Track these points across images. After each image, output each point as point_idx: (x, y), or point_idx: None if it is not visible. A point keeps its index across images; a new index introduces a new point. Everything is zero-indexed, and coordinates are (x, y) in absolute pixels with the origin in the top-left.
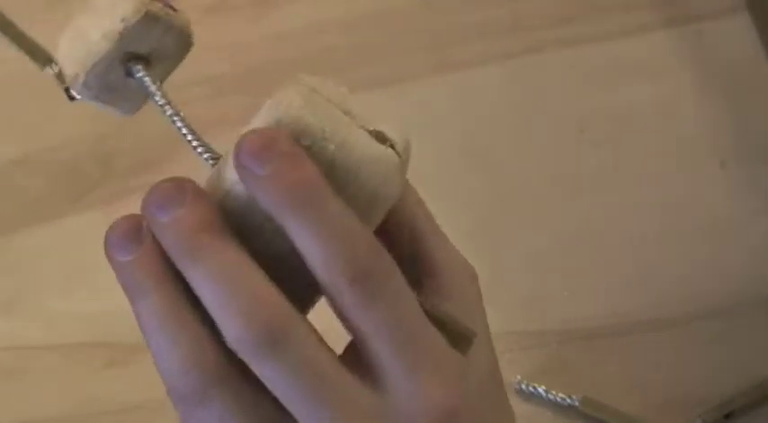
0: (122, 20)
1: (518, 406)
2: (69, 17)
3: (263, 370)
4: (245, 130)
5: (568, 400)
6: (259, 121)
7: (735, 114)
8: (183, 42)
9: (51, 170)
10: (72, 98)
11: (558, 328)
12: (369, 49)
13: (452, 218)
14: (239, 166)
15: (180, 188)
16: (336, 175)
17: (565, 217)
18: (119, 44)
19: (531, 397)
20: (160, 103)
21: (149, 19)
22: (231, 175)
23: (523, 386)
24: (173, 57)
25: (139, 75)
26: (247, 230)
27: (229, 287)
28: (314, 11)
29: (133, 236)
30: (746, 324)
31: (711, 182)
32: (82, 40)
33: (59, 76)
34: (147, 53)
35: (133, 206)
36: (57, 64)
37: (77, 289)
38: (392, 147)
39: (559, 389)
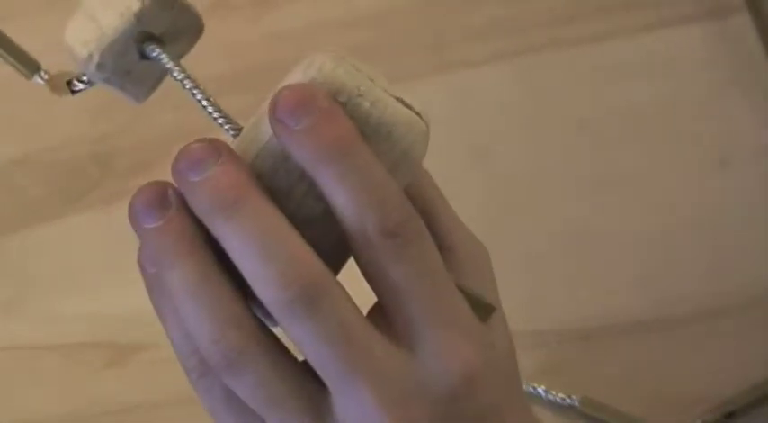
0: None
1: None
2: (70, 16)
3: (297, 330)
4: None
5: (568, 400)
6: (293, 80)
7: (735, 114)
8: (196, 25)
9: (51, 170)
10: (74, 91)
11: (557, 328)
12: (369, 48)
13: None
14: (275, 121)
15: (214, 148)
16: (370, 132)
17: (565, 217)
18: (135, 24)
19: (531, 397)
20: (179, 77)
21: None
22: (264, 134)
23: (523, 386)
24: (185, 40)
25: (155, 53)
26: (277, 193)
27: (265, 245)
28: (314, 11)
29: (159, 202)
30: (746, 324)
31: (711, 182)
32: (95, 22)
33: (52, 81)
34: (161, 34)
35: None
36: (46, 72)
37: (77, 289)
38: (417, 114)
39: (559, 389)
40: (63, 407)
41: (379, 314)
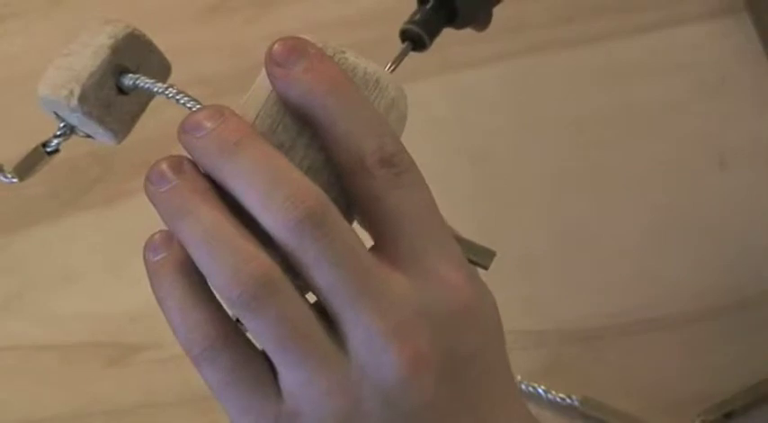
0: (111, 37)
1: None
2: (69, 16)
3: (308, 252)
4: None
5: (568, 400)
6: None
7: (735, 114)
8: (164, 67)
9: (51, 170)
10: (51, 152)
11: (557, 328)
12: (369, 48)
13: (452, 217)
14: (272, 67)
15: (216, 109)
16: (358, 82)
17: (564, 217)
18: (110, 56)
19: (531, 397)
20: (161, 89)
21: (136, 35)
22: (262, 95)
23: (523, 386)
24: (156, 77)
25: (132, 81)
26: (279, 148)
27: (269, 173)
28: (314, 11)
29: (173, 168)
30: (746, 324)
31: (711, 182)
32: (68, 67)
33: (20, 168)
34: (134, 70)
35: (133, 206)
36: (10, 172)
37: (77, 289)
38: None
39: (559, 389)
40: (63, 407)
41: (372, 250)
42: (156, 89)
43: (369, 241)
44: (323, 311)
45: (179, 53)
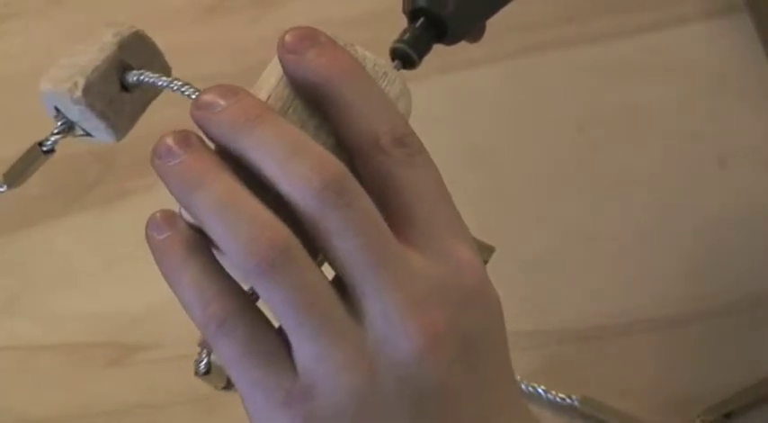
0: (116, 34)
1: None
2: (69, 17)
3: (330, 222)
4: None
5: (568, 401)
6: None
7: (735, 114)
8: (166, 69)
9: (51, 170)
10: (47, 152)
11: (557, 328)
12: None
13: None
14: (285, 53)
15: (231, 89)
16: (368, 70)
17: (564, 217)
18: (116, 52)
19: (531, 397)
20: (166, 82)
21: (141, 35)
22: (273, 78)
23: (523, 386)
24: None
25: (136, 77)
26: None
27: (292, 144)
28: (314, 11)
29: (182, 141)
30: (746, 324)
31: (711, 182)
32: (75, 61)
33: (9, 175)
34: (138, 68)
35: (133, 206)
36: (3, 184)
37: (77, 289)
38: None
39: (559, 389)
40: (63, 407)
41: (394, 222)
42: (160, 83)
43: None
44: (340, 287)
45: (179, 53)
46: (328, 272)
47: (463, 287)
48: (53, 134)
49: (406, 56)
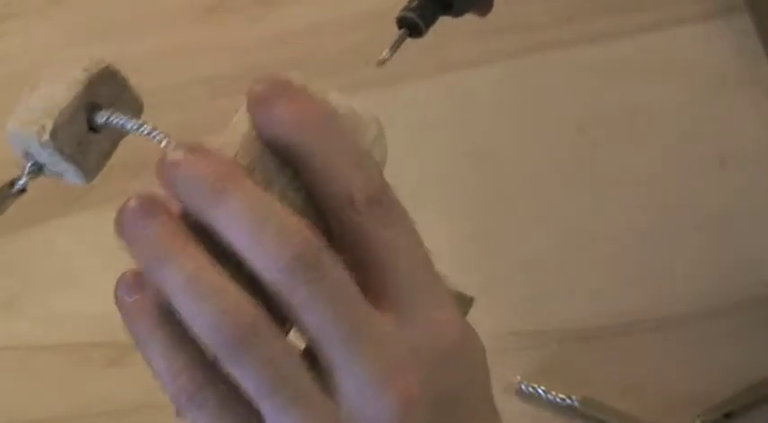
0: (85, 70)
1: (518, 406)
2: (68, 16)
3: (298, 295)
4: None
5: (568, 401)
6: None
7: (735, 114)
8: (137, 103)
9: None
10: (21, 191)
11: (557, 328)
12: (369, 48)
13: (452, 218)
14: (254, 104)
15: (197, 148)
16: (341, 119)
17: (564, 217)
18: (84, 91)
19: (531, 397)
20: (135, 127)
21: (110, 71)
22: (239, 132)
23: (523, 386)
24: (129, 115)
25: (105, 117)
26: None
27: (260, 216)
28: (314, 11)
29: (148, 209)
30: (746, 324)
31: (711, 182)
32: (42, 100)
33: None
34: (107, 105)
35: None
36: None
37: (77, 289)
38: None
39: (559, 389)
40: (63, 407)
41: (371, 288)
42: (129, 126)
43: None
44: (312, 356)
45: (179, 53)
46: None
47: (439, 347)
48: (24, 175)
49: (412, 24)
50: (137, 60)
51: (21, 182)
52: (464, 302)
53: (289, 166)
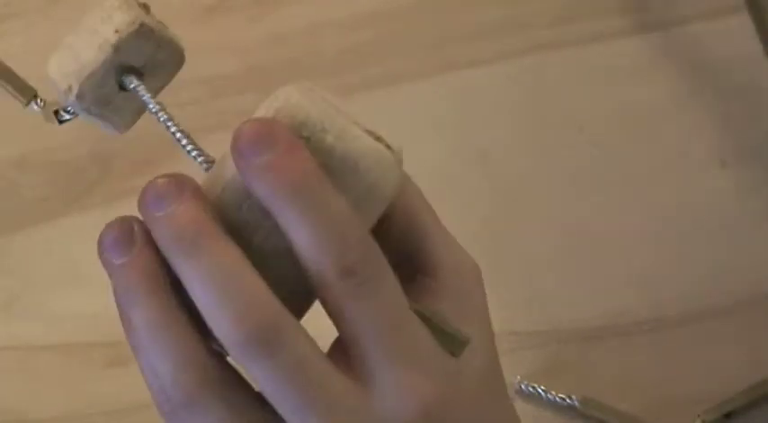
0: (116, 31)
1: (518, 406)
2: (69, 17)
3: (253, 370)
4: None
5: (568, 401)
6: (258, 113)
7: (735, 114)
8: (176, 58)
9: (50, 170)
10: (62, 121)
11: (557, 328)
12: (369, 49)
13: (452, 218)
14: (237, 154)
15: (178, 184)
16: (335, 165)
17: (565, 217)
18: (113, 56)
19: (531, 397)
20: (154, 109)
21: (143, 31)
22: (229, 170)
23: (523, 386)
24: (165, 71)
25: (132, 85)
26: (244, 228)
27: (221, 286)
28: (314, 11)
29: (126, 238)
30: (746, 324)
31: (711, 182)
32: (74, 56)
33: (46, 109)
34: (140, 66)
35: (133, 206)
36: (42, 100)
37: (77, 289)
38: (388, 147)
39: (559, 389)
40: (63, 407)
41: (340, 350)
42: (150, 106)
43: None
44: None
45: None
46: None
47: (407, 417)
48: (65, 111)
49: None
50: None
51: (64, 117)
52: (457, 344)
53: None
